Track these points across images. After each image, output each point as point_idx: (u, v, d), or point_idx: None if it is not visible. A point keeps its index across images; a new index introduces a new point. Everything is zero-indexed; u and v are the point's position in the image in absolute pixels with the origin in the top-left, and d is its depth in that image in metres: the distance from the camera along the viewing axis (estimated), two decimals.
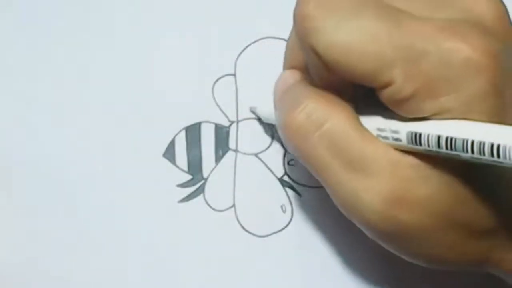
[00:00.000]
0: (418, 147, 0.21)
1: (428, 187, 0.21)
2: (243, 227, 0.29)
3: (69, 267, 0.28)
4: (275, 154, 0.29)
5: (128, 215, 0.29)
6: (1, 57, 0.29)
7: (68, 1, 0.29)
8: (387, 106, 0.21)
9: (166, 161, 0.29)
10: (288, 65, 0.26)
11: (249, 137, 0.29)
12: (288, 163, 0.29)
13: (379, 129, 0.22)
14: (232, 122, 0.29)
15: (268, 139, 0.29)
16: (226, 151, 0.29)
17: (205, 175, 0.29)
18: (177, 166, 0.29)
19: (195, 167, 0.29)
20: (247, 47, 0.29)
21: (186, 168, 0.29)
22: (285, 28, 0.29)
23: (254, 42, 0.29)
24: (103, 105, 0.29)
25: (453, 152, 0.20)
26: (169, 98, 0.29)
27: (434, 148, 0.20)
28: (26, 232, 0.29)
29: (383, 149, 0.22)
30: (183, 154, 0.29)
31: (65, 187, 0.29)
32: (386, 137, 0.22)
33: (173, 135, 0.29)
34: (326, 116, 0.22)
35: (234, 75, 0.29)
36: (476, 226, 0.22)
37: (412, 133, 0.21)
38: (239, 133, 0.29)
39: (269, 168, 0.29)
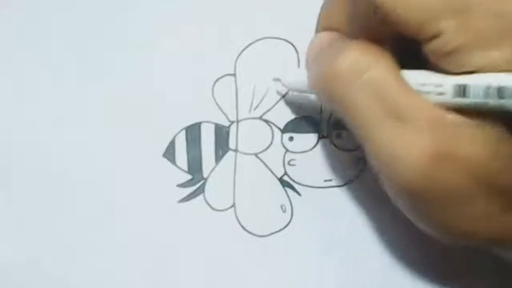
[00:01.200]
0: (464, 100, 0.20)
1: (474, 146, 0.20)
2: (243, 227, 0.29)
3: (69, 267, 0.28)
4: (275, 154, 0.29)
5: (128, 215, 0.29)
6: (1, 57, 0.29)
7: (68, 1, 0.29)
8: (431, 63, 0.21)
9: (166, 161, 0.29)
10: (322, 27, 0.26)
11: (249, 137, 0.29)
12: (288, 163, 0.29)
13: (422, 84, 0.21)
14: (232, 122, 0.29)
15: (268, 139, 0.29)
16: (226, 151, 0.29)
17: (205, 175, 0.29)
18: (177, 166, 0.29)
19: (195, 167, 0.29)
20: (247, 47, 0.29)
21: (186, 168, 0.29)
22: (285, 28, 0.29)
23: (254, 42, 0.29)
24: (103, 105, 0.29)
25: (503, 101, 0.20)
26: (169, 98, 0.29)
27: (482, 99, 0.20)
28: (26, 232, 0.29)
29: (426, 104, 0.21)
30: (183, 154, 0.29)
31: (65, 187, 0.29)
32: (428, 92, 0.21)
33: (173, 135, 0.29)
34: (369, 64, 0.22)
35: (234, 75, 0.29)
36: None
37: (458, 85, 0.21)
38: (239, 133, 0.29)
39: (269, 168, 0.29)
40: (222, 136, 0.29)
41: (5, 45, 0.29)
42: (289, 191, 0.29)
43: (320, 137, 0.29)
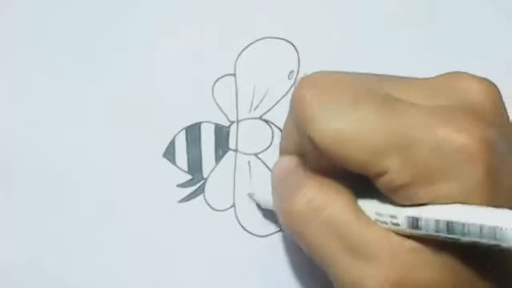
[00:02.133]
0: (417, 232, 0.21)
1: (430, 271, 0.21)
2: (243, 227, 0.29)
3: (69, 267, 0.28)
4: (275, 154, 0.29)
5: (128, 215, 0.29)
6: (1, 57, 0.29)
7: (68, 1, 0.29)
8: (384, 193, 0.22)
9: (166, 161, 0.29)
10: (284, 151, 0.26)
11: (249, 137, 0.29)
12: None
13: (378, 214, 0.22)
14: (232, 122, 0.29)
15: (268, 139, 0.29)
16: (226, 151, 0.29)
17: (205, 175, 0.29)
18: (177, 166, 0.29)
19: (195, 167, 0.29)
20: (247, 47, 0.29)
21: (186, 168, 0.29)
22: (285, 28, 0.29)
23: (254, 42, 0.29)
24: (103, 105, 0.29)
25: (453, 236, 0.20)
26: (169, 98, 0.29)
27: (433, 232, 0.21)
28: (26, 232, 0.29)
29: (383, 234, 0.22)
30: (183, 154, 0.29)
31: (65, 187, 0.29)
32: (385, 222, 0.22)
33: (173, 135, 0.29)
34: (326, 202, 0.22)
35: (234, 75, 0.29)
36: None
37: (410, 218, 0.21)
38: (239, 133, 0.29)
39: (269, 168, 0.29)
40: (222, 136, 0.29)
41: (5, 45, 0.29)
42: None
43: None
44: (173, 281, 0.29)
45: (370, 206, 0.23)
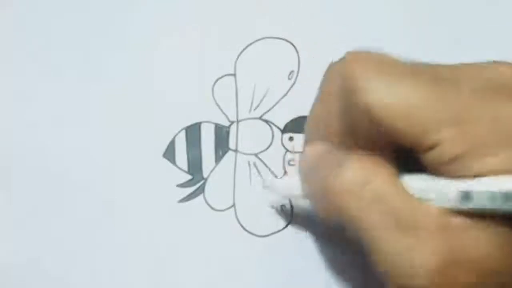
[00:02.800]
0: (469, 205, 0.21)
1: (481, 247, 0.21)
2: (243, 227, 0.29)
3: (69, 267, 0.28)
4: (275, 154, 0.29)
5: (128, 215, 0.29)
6: (1, 57, 0.29)
7: (68, 1, 0.29)
8: (430, 169, 0.21)
9: (166, 161, 0.29)
10: (313, 139, 0.26)
11: (249, 137, 0.29)
12: (288, 163, 0.29)
13: (422, 190, 0.22)
14: (232, 122, 0.29)
15: (268, 139, 0.29)
16: (226, 151, 0.29)
17: (205, 175, 0.29)
18: (177, 166, 0.29)
19: (195, 167, 0.29)
20: (247, 47, 0.29)
21: (186, 168, 0.29)
22: (285, 28, 0.29)
23: (254, 42, 0.29)
24: (103, 105, 0.29)
25: (509, 206, 0.20)
26: (169, 98, 0.29)
27: (487, 204, 0.20)
28: (26, 232, 0.29)
29: (429, 209, 0.21)
30: (183, 154, 0.29)
31: (65, 187, 0.29)
32: (430, 199, 0.22)
33: (173, 135, 0.29)
34: (369, 178, 0.22)
35: (234, 75, 0.29)
36: None
37: (462, 191, 0.21)
38: (239, 133, 0.29)
39: (269, 168, 0.29)
40: (222, 136, 0.29)
41: (5, 45, 0.29)
42: None
43: None
44: (173, 281, 0.29)
45: (415, 183, 0.22)
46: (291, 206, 0.29)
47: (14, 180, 0.29)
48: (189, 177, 0.29)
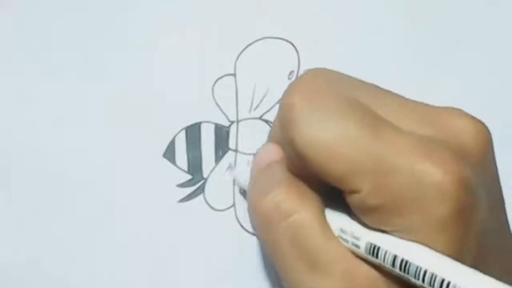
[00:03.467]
0: (374, 259, 0.21)
1: None
2: (243, 227, 0.29)
3: (69, 267, 0.28)
4: None
5: (128, 215, 0.29)
6: (1, 57, 0.29)
7: (68, 1, 0.29)
8: (354, 210, 0.22)
9: (166, 161, 0.29)
10: (273, 138, 0.26)
11: (249, 137, 0.29)
12: None
13: (342, 230, 0.22)
14: (232, 122, 0.29)
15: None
16: (226, 151, 0.29)
17: (205, 175, 0.29)
18: (177, 166, 0.29)
19: (195, 167, 0.29)
20: (247, 47, 0.29)
21: (186, 168, 0.29)
22: (285, 28, 0.29)
23: (254, 42, 0.29)
24: (103, 105, 0.29)
25: (406, 275, 0.20)
26: (169, 98, 0.29)
27: (388, 265, 0.20)
28: (26, 232, 0.29)
29: (342, 253, 0.22)
30: (183, 154, 0.29)
31: (65, 187, 0.29)
32: (346, 240, 0.22)
33: (173, 135, 0.29)
34: (293, 209, 0.22)
35: (234, 75, 0.29)
36: None
37: (371, 244, 0.21)
38: (239, 133, 0.29)
39: None
40: (222, 136, 0.29)
41: (5, 45, 0.29)
42: None
43: None
44: (173, 281, 0.29)
45: (337, 221, 0.22)
46: None
47: (14, 180, 0.29)
48: (189, 177, 0.29)
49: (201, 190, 0.29)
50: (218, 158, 0.29)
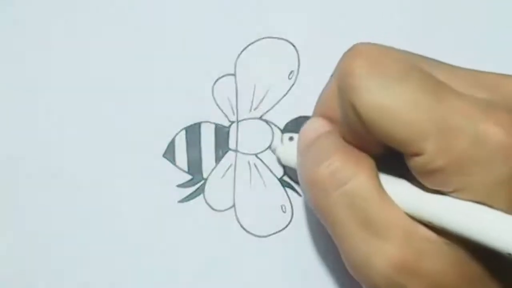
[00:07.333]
0: (435, 222, 0.21)
1: (439, 262, 0.21)
2: (243, 227, 0.29)
3: (69, 267, 0.28)
4: (274, 155, 0.29)
5: (128, 215, 0.29)
6: (1, 57, 0.29)
7: (68, 1, 0.29)
8: (413, 173, 0.22)
9: (166, 161, 0.29)
10: (319, 112, 0.26)
11: (249, 137, 0.29)
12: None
13: (399, 196, 0.22)
14: (232, 122, 0.29)
15: (268, 139, 0.29)
16: (226, 151, 0.29)
17: (205, 175, 0.29)
18: (177, 166, 0.29)
19: (195, 167, 0.29)
20: (247, 47, 0.29)
21: (186, 168, 0.29)
22: (285, 28, 0.29)
23: (254, 42, 0.29)
24: (103, 105, 0.29)
25: (468, 235, 0.20)
26: (169, 98, 0.29)
27: (451, 227, 0.21)
28: (26, 232, 0.29)
29: (400, 216, 0.22)
30: (183, 154, 0.29)
31: (65, 187, 0.29)
32: (404, 205, 0.22)
33: (173, 135, 0.29)
34: (349, 175, 0.22)
35: (234, 75, 0.29)
36: None
37: (433, 208, 0.21)
38: (239, 133, 0.29)
39: (269, 168, 0.29)
40: (222, 136, 0.29)
41: (5, 45, 0.29)
42: (289, 191, 0.29)
43: None
44: (173, 281, 0.29)
45: (393, 185, 0.22)
46: (291, 206, 0.29)
47: (14, 180, 0.29)
48: (189, 177, 0.29)
49: (201, 190, 0.29)
50: (218, 158, 0.29)
